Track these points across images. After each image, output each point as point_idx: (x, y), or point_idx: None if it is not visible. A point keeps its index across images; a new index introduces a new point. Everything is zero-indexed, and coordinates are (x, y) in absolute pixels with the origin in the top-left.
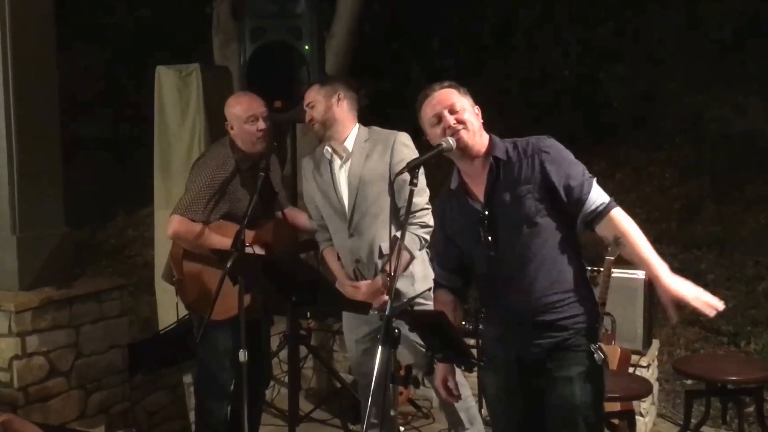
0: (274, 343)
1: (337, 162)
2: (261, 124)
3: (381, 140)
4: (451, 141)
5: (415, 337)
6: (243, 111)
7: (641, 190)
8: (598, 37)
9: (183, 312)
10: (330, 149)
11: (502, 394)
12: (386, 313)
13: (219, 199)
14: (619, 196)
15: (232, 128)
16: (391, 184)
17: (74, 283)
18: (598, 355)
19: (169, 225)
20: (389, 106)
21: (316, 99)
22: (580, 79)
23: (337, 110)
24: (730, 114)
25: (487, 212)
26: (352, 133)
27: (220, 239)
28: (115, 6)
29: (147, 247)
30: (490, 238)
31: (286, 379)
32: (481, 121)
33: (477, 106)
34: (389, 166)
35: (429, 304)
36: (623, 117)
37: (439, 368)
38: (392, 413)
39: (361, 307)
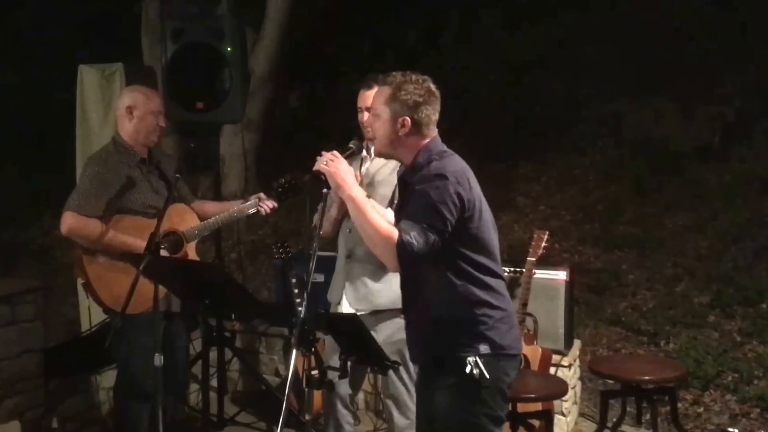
0: (198, 345)
1: (366, 161)
2: (162, 121)
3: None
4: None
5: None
6: (156, 105)
7: (566, 192)
8: (523, 42)
9: (95, 314)
10: (366, 151)
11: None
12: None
13: (109, 194)
14: (545, 198)
15: (132, 115)
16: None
17: None
18: (473, 369)
19: (63, 222)
20: (321, 109)
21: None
22: (507, 83)
23: None
24: (647, 119)
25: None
26: None
27: (133, 240)
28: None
29: (73, 248)
30: None
31: (211, 383)
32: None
33: (405, 118)
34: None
35: None
36: (548, 122)
37: None
38: (307, 417)
39: (273, 314)
